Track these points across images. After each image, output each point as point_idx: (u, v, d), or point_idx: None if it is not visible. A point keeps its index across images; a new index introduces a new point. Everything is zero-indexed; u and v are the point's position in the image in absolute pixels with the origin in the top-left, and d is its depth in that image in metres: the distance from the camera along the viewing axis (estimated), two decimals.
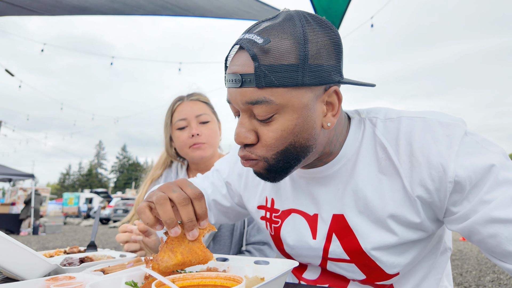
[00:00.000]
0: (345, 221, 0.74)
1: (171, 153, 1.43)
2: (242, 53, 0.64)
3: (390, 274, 0.75)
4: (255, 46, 0.61)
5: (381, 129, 0.72)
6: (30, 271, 0.74)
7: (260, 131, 0.66)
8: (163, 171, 1.47)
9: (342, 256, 0.75)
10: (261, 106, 0.62)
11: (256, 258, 0.73)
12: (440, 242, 0.80)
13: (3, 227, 11.67)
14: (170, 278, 0.57)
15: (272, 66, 0.60)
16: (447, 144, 0.63)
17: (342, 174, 0.74)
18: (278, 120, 0.64)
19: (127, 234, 1.10)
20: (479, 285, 4.32)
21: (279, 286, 0.61)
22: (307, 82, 0.61)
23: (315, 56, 0.61)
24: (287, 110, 0.63)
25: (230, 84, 0.65)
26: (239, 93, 0.64)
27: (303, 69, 0.60)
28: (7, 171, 13.20)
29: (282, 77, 0.60)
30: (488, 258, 4.92)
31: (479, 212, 0.62)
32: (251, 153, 0.68)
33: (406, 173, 0.67)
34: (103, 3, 3.85)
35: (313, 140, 0.67)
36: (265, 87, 0.61)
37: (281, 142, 0.65)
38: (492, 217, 0.60)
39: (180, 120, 1.32)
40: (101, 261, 0.86)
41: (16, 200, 14.84)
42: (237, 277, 0.56)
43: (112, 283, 0.59)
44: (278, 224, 0.85)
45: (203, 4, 4.04)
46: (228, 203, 1.00)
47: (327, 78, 0.63)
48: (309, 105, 0.64)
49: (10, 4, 3.58)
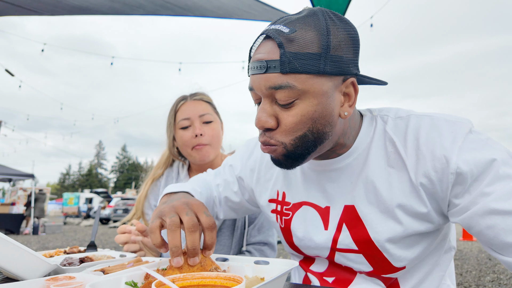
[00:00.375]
0: (355, 211, 0.76)
1: (174, 153, 1.43)
2: (268, 42, 0.68)
3: (396, 267, 0.76)
4: (281, 34, 0.65)
5: (391, 126, 0.76)
6: (30, 271, 0.74)
7: (281, 116, 0.69)
8: (164, 170, 1.46)
9: (350, 247, 0.77)
10: (284, 91, 0.66)
11: (256, 258, 0.73)
12: (445, 240, 0.82)
13: (3, 227, 11.67)
14: (170, 278, 0.57)
15: (297, 53, 0.64)
16: (452, 139, 0.67)
17: (353, 167, 0.77)
18: (298, 105, 0.67)
19: (126, 235, 1.10)
20: (479, 285, 4.32)
21: (279, 286, 0.61)
22: (328, 70, 0.65)
23: (336, 48, 0.65)
24: (308, 96, 0.67)
25: (255, 70, 0.69)
26: (264, 78, 0.67)
27: (325, 58, 0.65)
28: (7, 171, 13.20)
29: (306, 64, 0.64)
30: (488, 258, 4.92)
31: (479, 204, 0.64)
32: (270, 138, 0.71)
33: (412, 165, 0.70)
34: (103, 3, 3.85)
35: (329, 127, 0.70)
36: (289, 73, 0.65)
37: (300, 127, 0.68)
38: (491, 208, 0.62)
39: (183, 119, 1.32)
40: (101, 261, 0.86)
41: (16, 200, 14.84)
42: (237, 277, 0.56)
43: (112, 283, 0.59)
44: (288, 216, 0.87)
45: (203, 4, 4.03)
46: (238, 199, 1.01)
47: (345, 69, 0.67)
48: (328, 93, 0.68)
49: (10, 4, 3.58)
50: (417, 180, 0.70)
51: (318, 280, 0.86)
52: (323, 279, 0.85)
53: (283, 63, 0.64)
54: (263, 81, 0.68)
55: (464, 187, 0.66)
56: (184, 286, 0.57)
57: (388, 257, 0.75)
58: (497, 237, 0.63)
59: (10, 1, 3.52)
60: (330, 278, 0.84)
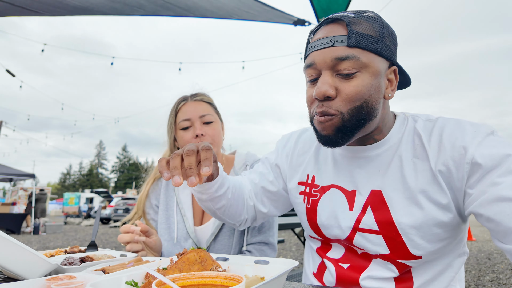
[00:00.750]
0: (381, 195, 0.82)
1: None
2: (333, 24, 0.79)
3: (413, 255, 0.79)
4: (348, 17, 0.77)
5: (421, 125, 0.84)
6: (30, 270, 0.75)
7: (341, 86, 0.77)
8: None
9: (372, 227, 0.82)
10: (349, 61, 0.75)
11: (256, 258, 0.73)
12: (461, 244, 0.86)
13: (4, 226, 11.68)
14: (170, 278, 0.57)
15: (361, 33, 0.76)
16: (473, 135, 0.74)
17: (383, 158, 0.85)
18: (359, 77, 0.76)
19: (129, 234, 1.10)
20: (479, 285, 4.32)
21: (279, 285, 0.61)
22: (383, 52, 0.77)
23: (387, 37, 0.78)
24: (368, 70, 0.76)
25: (320, 46, 0.78)
26: (330, 51, 0.76)
27: (381, 42, 0.77)
28: (8, 171, 13.21)
29: (368, 43, 0.75)
30: (487, 258, 4.90)
31: (488, 192, 0.68)
32: (329, 108, 0.77)
33: (433, 155, 0.77)
34: (103, 4, 3.86)
35: (379, 105, 0.79)
36: (355, 47, 0.75)
37: (359, 97, 0.76)
38: (499, 195, 0.66)
39: (184, 120, 1.32)
40: (101, 261, 0.87)
41: (16, 200, 14.86)
42: (237, 276, 0.56)
43: (113, 282, 0.59)
44: (316, 197, 0.94)
45: (203, 4, 4.04)
46: (275, 188, 1.06)
47: (391, 57, 0.80)
48: (381, 73, 0.79)
49: (11, 5, 3.59)
50: (436, 168, 0.76)
51: (333, 266, 0.90)
52: (339, 265, 0.89)
53: (350, 38, 0.75)
54: (329, 53, 0.76)
55: (477, 178, 0.71)
56: (184, 285, 0.57)
57: (407, 242, 0.79)
58: (502, 223, 0.65)
59: (10, 2, 3.52)
60: (345, 264, 0.88)
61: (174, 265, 0.64)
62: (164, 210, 1.39)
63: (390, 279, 0.83)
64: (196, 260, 0.66)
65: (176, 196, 1.39)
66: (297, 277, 2.45)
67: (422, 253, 0.79)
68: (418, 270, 0.83)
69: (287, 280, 0.88)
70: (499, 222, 0.66)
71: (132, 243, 1.10)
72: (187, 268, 0.64)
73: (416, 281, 0.82)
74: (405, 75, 0.87)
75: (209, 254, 0.70)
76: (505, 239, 0.67)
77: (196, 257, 0.67)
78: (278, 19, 4.60)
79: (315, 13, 3.99)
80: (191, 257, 0.67)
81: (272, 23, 4.73)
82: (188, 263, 0.64)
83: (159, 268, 0.72)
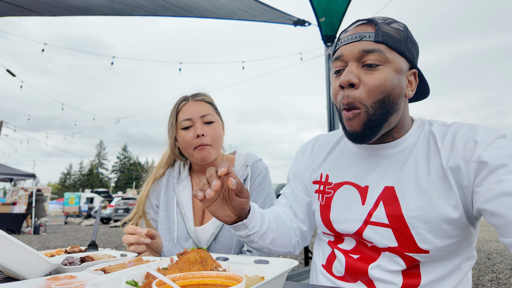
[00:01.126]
0: (394, 191, 0.86)
1: (175, 153, 1.43)
2: (362, 25, 0.87)
3: (420, 248, 0.81)
4: (378, 19, 0.86)
5: (436, 128, 0.89)
6: (31, 270, 0.75)
7: (365, 78, 0.82)
8: (166, 170, 1.47)
9: (382, 221, 0.86)
10: (374, 54, 0.82)
11: (256, 257, 0.74)
12: (470, 247, 0.87)
13: (4, 226, 11.68)
14: (170, 277, 0.57)
15: (387, 33, 0.84)
16: (484, 137, 0.77)
17: (398, 157, 0.89)
18: (382, 70, 0.82)
19: (135, 236, 1.10)
20: (478, 285, 4.32)
21: (279, 285, 0.61)
22: (405, 53, 0.85)
23: (410, 41, 0.86)
24: (391, 65, 0.83)
25: (350, 40, 0.86)
26: (358, 44, 0.84)
27: (404, 44, 0.85)
28: (8, 171, 13.21)
29: (393, 42, 0.83)
30: (487, 258, 4.90)
31: (493, 189, 0.70)
32: (354, 99, 0.82)
33: (445, 154, 0.81)
34: (104, 4, 3.86)
35: (400, 100, 0.85)
36: (380, 42, 0.82)
37: (381, 90, 0.81)
38: (502, 190, 0.68)
39: (185, 120, 1.32)
40: (102, 261, 0.87)
41: (17, 200, 14.85)
42: (237, 276, 0.57)
43: (113, 282, 0.60)
44: (330, 194, 0.98)
45: (204, 5, 4.04)
46: (306, 200, 1.10)
47: (413, 59, 0.87)
48: (403, 71, 0.85)
49: (11, 5, 3.59)
50: (447, 166, 0.80)
51: (343, 256, 0.92)
52: (349, 255, 0.92)
53: (377, 35, 0.83)
54: (357, 46, 0.84)
55: (483, 176, 0.74)
56: (184, 285, 0.57)
57: (415, 235, 0.81)
58: (504, 216, 0.67)
59: (10, 1, 3.52)
60: (356, 255, 0.91)
61: (174, 265, 0.64)
62: (164, 210, 1.39)
63: (398, 272, 0.84)
64: (196, 260, 0.66)
65: (176, 196, 1.39)
66: (297, 277, 2.45)
67: (429, 247, 0.81)
68: (426, 267, 0.84)
69: (287, 280, 0.88)
70: (502, 215, 0.67)
71: (137, 245, 1.10)
72: (188, 268, 0.64)
73: (424, 278, 0.83)
74: (424, 83, 0.93)
75: (209, 254, 0.70)
76: (507, 233, 0.68)
77: (197, 257, 0.67)
78: (278, 19, 4.61)
79: (315, 13, 4.00)
80: (191, 257, 0.67)
81: (272, 23, 4.74)
82: (188, 263, 0.65)
83: (159, 268, 0.72)
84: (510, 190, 0.67)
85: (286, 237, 1.04)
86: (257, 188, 1.38)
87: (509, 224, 0.67)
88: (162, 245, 1.31)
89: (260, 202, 1.36)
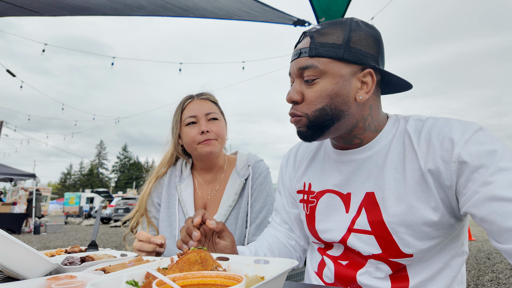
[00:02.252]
0: (374, 197, 0.85)
1: (179, 150, 1.45)
2: (304, 39, 0.87)
3: (404, 253, 0.81)
4: (314, 30, 0.85)
5: (411, 125, 0.86)
6: (31, 270, 0.75)
7: (305, 93, 0.84)
8: (168, 168, 1.49)
9: (365, 228, 0.86)
10: (309, 70, 0.83)
11: (256, 257, 0.74)
12: (457, 242, 0.86)
13: (5, 226, 11.68)
14: (171, 277, 0.57)
15: (322, 43, 0.82)
16: (461, 133, 0.75)
17: (374, 160, 0.88)
18: (319, 83, 0.83)
19: (152, 246, 1.06)
20: (478, 285, 4.32)
21: (279, 285, 0.61)
22: (346, 58, 0.81)
23: (356, 42, 0.82)
24: (328, 76, 0.82)
25: (292, 58, 0.88)
26: (297, 62, 0.85)
27: (344, 48, 0.81)
28: (8, 171, 13.21)
29: (328, 51, 0.81)
30: (487, 258, 4.92)
31: (480, 192, 0.69)
32: (297, 110, 0.86)
33: (422, 155, 0.79)
34: (104, 4, 3.86)
35: (346, 107, 0.83)
36: (314, 56, 0.82)
37: (319, 101, 0.82)
38: (491, 195, 0.67)
39: (189, 116, 1.34)
40: (102, 260, 0.87)
41: (17, 199, 14.85)
42: (237, 276, 0.57)
43: (113, 282, 0.60)
44: (313, 203, 0.98)
45: (203, 5, 4.04)
46: (296, 211, 1.10)
47: (363, 60, 0.82)
48: (345, 77, 0.82)
49: (12, 5, 3.59)
50: (426, 167, 0.78)
51: (332, 263, 0.93)
52: (338, 262, 0.92)
53: (311, 49, 0.83)
54: (296, 64, 0.85)
55: (467, 177, 0.72)
56: (184, 285, 0.57)
57: (397, 241, 0.81)
58: (494, 223, 0.66)
59: (11, 2, 3.52)
60: (344, 261, 0.91)
61: (175, 265, 0.64)
62: (166, 208, 1.40)
63: (385, 278, 0.84)
64: (196, 261, 0.66)
65: (178, 195, 1.40)
66: (297, 277, 2.45)
67: (412, 251, 0.80)
68: (413, 269, 0.83)
69: (287, 279, 0.88)
70: (492, 222, 0.67)
71: (148, 253, 1.07)
72: (188, 269, 0.64)
73: (412, 280, 0.83)
74: (392, 76, 0.87)
75: (210, 254, 0.70)
76: (500, 239, 0.67)
77: (197, 257, 0.67)
78: (278, 19, 4.60)
79: (314, 13, 4.00)
80: (191, 257, 0.67)
81: (272, 23, 4.74)
82: (188, 264, 0.65)
83: (159, 267, 0.72)
84: (498, 194, 0.66)
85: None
86: (258, 187, 1.39)
87: (502, 231, 0.66)
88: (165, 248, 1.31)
89: (261, 201, 1.38)
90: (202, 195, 1.41)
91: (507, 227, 0.65)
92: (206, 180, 1.43)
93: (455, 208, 0.78)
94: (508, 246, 0.66)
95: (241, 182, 1.37)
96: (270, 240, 1.09)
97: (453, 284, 0.85)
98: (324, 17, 4.01)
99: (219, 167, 1.43)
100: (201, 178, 1.43)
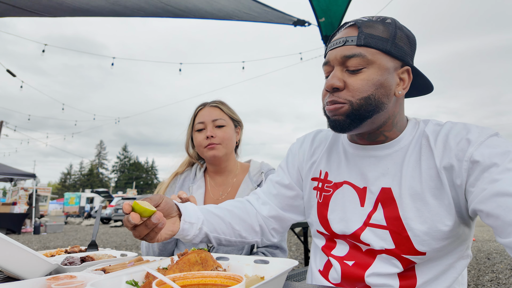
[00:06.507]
0: (391, 193, 0.87)
1: (191, 153, 1.57)
2: (348, 28, 0.87)
3: (417, 250, 0.82)
4: (361, 20, 0.86)
5: (430, 128, 0.89)
6: (30, 271, 0.75)
7: (349, 80, 0.84)
8: (185, 169, 1.61)
9: (381, 223, 0.87)
10: (356, 58, 0.83)
11: (256, 257, 0.74)
12: (464, 245, 0.88)
13: (5, 226, 11.68)
14: (170, 277, 0.57)
15: (371, 34, 0.83)
16: (477, 136, 0.78)
17: (393, 158, 0.89)
18: (366, 72, 0.83)
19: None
20: (478, 285, 4.32)
21: (279, 285, 0.62)
22: (392, 52, 0.83)
23: (399, 39, 0.85)
24: (374, 66, 0.83)
25: (334, 45, 0.87)
26: (341, 49, 0.85)
27: (391, 43, 0.84)
28: (8, 171, 13.21)
29: (376, 42, 0.83)
30: (487, 258, 4.89)
31: (487, 189, 0.71)
32: (339, 97, 0.84)
33: (438, 154, 0.82)
34: (104, 6, 3.86)
35: (386, 99, 0.85)
36: (362, 46, 0.83)
37: (365, 89, 0.83)
38: (497, 190, 0.68)
39: (199, 123, 1.47)
40: (102, 260, 0.87)
41: (17, 199, 14.84)
42: (237, 276, 0.57)
43: (113, 282, 0.60)
44: (329, 192, 0.99)
45: (204, 7, 4.04)
46: (293, 192, 1.09)
47: (404, 57, 0.86)
48: (389, 70, 0.84)
49: (11, 6, 3.59)
50: (441, 165, 0.80)
51: (338, 264, 0.93)
52: (344, 262, 0.92)
53: (359, 38, 0.83)
54: (340, 52, 0.85)
55: (477, 176, 0.74)
56: (184, 285, 0.57)
57: (412, 237, 0.82)
58: (500, 217, 0.67)
59: (11, 3, 3.53)
60: (350, 261, 0.91)
61: (175, 265, 0.64)
62: None
63: (394, 275, 0.85)
64: (196, 261, 0.66)
65: (189, 194, 1.46)
66: (297, 277, 2.45)
67: (426, 249, 0.82)
68: (422, 267, 0.85)
69: (287, 279, 0.88)
70: (498, 216, 0.67)
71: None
72: (188, 269, 0.64)
73: (419, 279, 0.84)
74: (422, 78, 0.91)
75: (210, 255, 0.70)
76: (504, 233, 0.68)
77: (197, 258, 0.67)
78: (278, 19, 4.61)
79: (314, 13, 4.00)
80: (191, 258, 0.67)
81: (272, 23, 4.74)
82: (188, 264, 0.65)
83: (159, 267, 0.73)
84: (504, 190, 0.67)
85: (245, 219, 1.04)
86: None
87: (505, 225, 0.67)
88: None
89: None
90: (214, 196, 1.48)
91: (510, 221, 0.66)
92: (217, 182, 1.52)
93: (463, 208, 0.80)
94: (509, 239, 0.67)
95: (253, 187, 1.43)
96: (235, 207, 1.06)
97: (453, 285, 0.86)
98: (324, 17, 4.01)
99: (229, 171, 1.52)
100: (212, 180, 1.53)
